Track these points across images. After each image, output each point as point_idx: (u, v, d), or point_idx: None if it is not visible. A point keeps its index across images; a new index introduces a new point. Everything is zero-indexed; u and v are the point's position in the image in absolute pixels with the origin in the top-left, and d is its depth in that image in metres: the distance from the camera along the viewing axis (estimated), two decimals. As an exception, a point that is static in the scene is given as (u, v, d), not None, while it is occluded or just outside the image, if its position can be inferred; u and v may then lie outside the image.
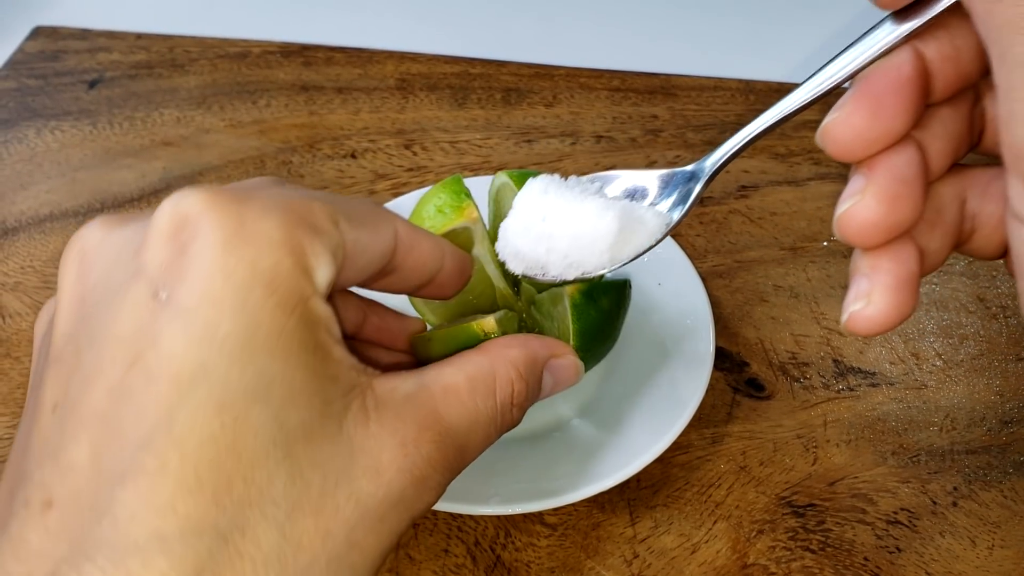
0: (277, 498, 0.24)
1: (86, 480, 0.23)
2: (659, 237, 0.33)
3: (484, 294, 0.44)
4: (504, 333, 0.38)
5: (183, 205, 0.25)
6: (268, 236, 0.25)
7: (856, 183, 0.27)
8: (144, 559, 0.22)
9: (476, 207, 0.42)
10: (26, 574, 0.22)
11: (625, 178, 0.35)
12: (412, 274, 0.32)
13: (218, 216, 0.25)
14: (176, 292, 0.24)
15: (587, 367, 0.42)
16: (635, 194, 0.35)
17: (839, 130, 0.26)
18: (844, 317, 0.28)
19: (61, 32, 0.78)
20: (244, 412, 0.23)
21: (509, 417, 0.31)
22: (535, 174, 0.42)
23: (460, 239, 0.42)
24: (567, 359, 0.34)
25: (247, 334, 0.24)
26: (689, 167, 0.34)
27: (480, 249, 0.43)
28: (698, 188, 0.33)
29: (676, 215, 0.33)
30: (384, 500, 0.26)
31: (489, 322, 0.36)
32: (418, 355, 0.37)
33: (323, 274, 0.26)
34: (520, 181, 0.42)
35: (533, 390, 0.33)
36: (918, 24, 0.26)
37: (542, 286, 0.42)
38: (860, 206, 0.26)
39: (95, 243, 0.27)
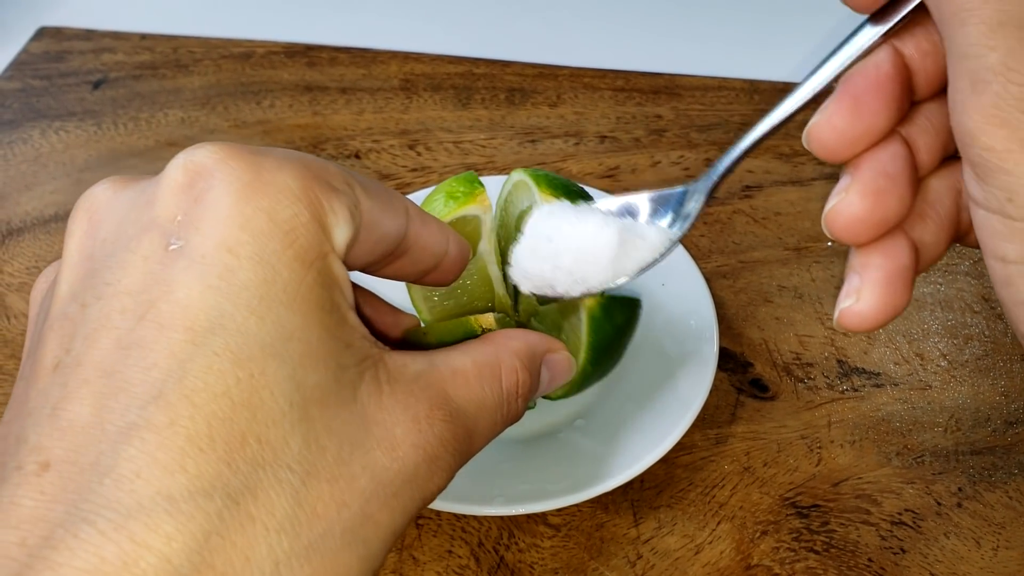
0: (292, 462, 0.23)
1: (87, 438, 0.22)
2: (662, 251, 0.34)
3: (483, 296, 0.44)
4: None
5: (197, 156, 0.25)
6: (286, 187, 0.24)
7: (843, 181, 0.27)
8: (148, 521, 0.20)
9: (489, 200, 0.42)
10: (18, 541, 0.20)
11: (623, 201, 0.36)
12: (420, 258, 0.31)
13: (234, 165, 0.24)
14: (191, 240, 0.23)
15: (592, 381, 0.42)
16: (634, 214, 0.35)
17: (822, 131, 0.27)
18: (836, 314, 0.28)
19: (65, 33, 0.78)
20: (261, 367, 0.23)
21: (514, 408, 0.31)
22: (548, 175, 0.42)
23: (467, 229, 0.42)
24: (562, 354, 0.35)
25: (265, 284, 0.23)
26: (679, 188, 0.35)
27: (485, 245, 0.43)
28: (698, 206, 0.33)
29: (677, 230, 0.34)
30: (398, 475, 0.25)
31: (487, 318, 0.36)
32: (414, 347, 0.37)
33: (341, 233, 0.26)
34: (535, 178, 0.41)
35: (534, 382, 0.33)
36: (894, 23, 0.26)
37: (550, 302, 0.42)
38: (845, 202, 0.26)
39: (105, 200, 0.26)
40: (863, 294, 0.27)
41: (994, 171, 0.23)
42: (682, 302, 0.49)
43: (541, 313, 0.42)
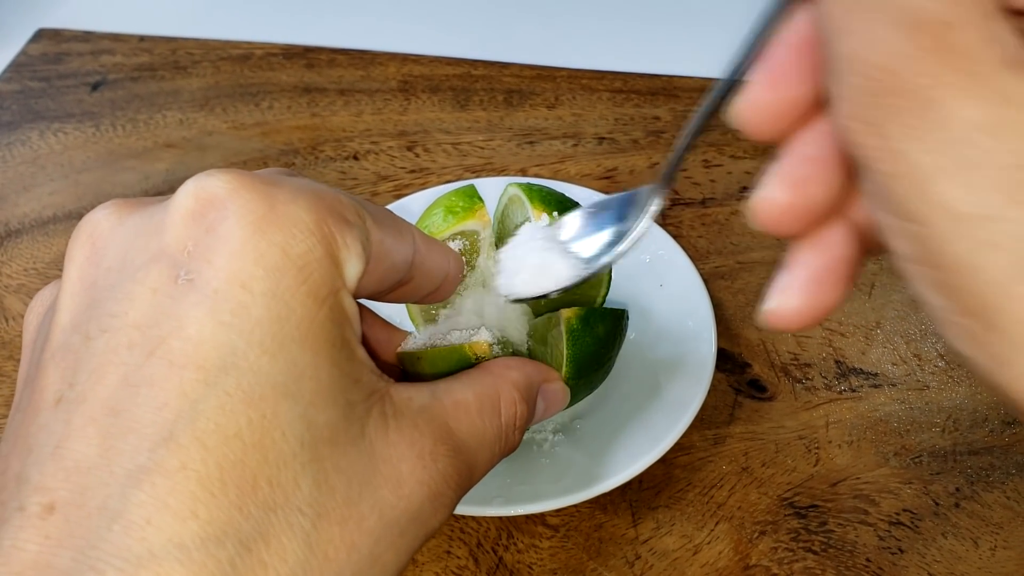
0: (303, 504, 0.22)
1: (94, 481, 0.21)
2: (568, 283, 0.34)
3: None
4: (495, 356, 0.38)
5: (209, 185, 0.24)
6: (300, 221, 0.23)
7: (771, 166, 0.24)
8: (160, 570, 0.20)
9: (489, 215, 0.42)
10: None
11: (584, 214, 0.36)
12: (424, 283, 0.31)
13: (247, 198, 0.23)
14: (203, 273, 0.22)
15: (580, 395, 0.42)
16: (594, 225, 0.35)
17: (746, 109, 0.24)
18: (762, 310, 0.26)
19: (64, 34, 0.78)
20: (273, 407, 0.22)
21: (512, 439, 0.31)
22: (541, 189, 0.42)
23: (466, 243, 0.42)
24: (557, 384, 0.35)
25: (279, 321, 0.23)
26: (626, 193, 0.33)
27: (484, 259, 0.43)
28: (640, 224, 0.32)
29: (593, 265, 0.34)
30: (404, 513, 0.25)
31: (481, 345, 0.36)
32: (406, 370, 0.37)
33: (353, 268, 0.25)
34: (528, 193, 0.41)
35: (531, 413, 0.32)
36: None
37: (533, 305, 0.42)
38: (766, 191, 0.23)
39: (109, 226, 0.25)
40: (787, 294, 0.24)
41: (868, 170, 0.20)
42: (680, 303, 0.50)
43: (532, 327, 0.41)
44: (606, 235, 0.33)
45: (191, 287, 0.22)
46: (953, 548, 0.44)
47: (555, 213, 0.41)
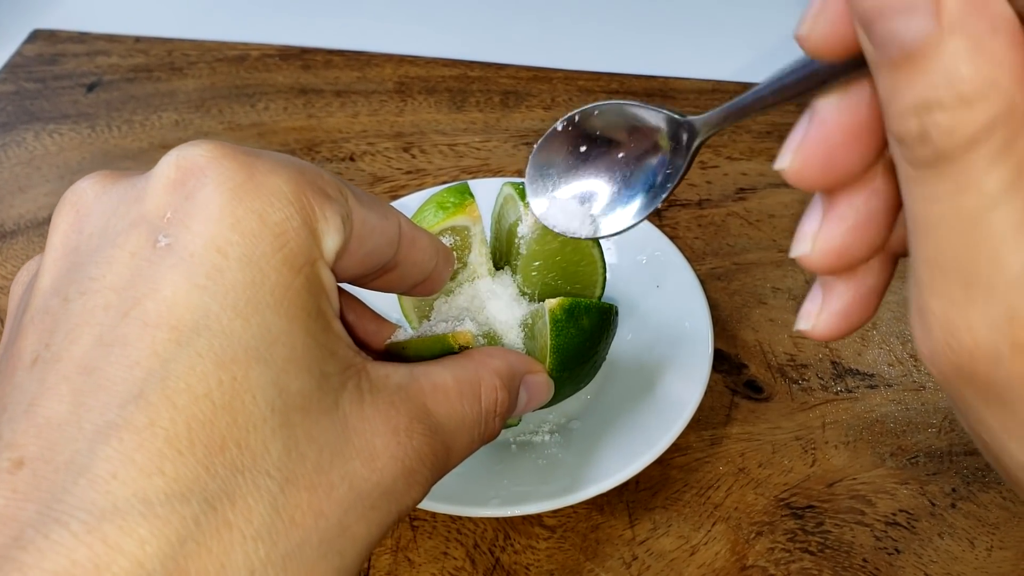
0: (271, 468, 0.22)
1: (64, 436, 0.21)
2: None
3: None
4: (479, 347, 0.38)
5: (190, 154, 0.24)
6: (279, 190, 0.24)
7: (815, 209, 0.25)
8: (123, 524, 0.20)
9: (479, 211, 0.42)
10: None
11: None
12: (411, 271, 0.31)
13: (227, 166, 0.24)
14: (180, 238, 0.23)
15: (566, 390, 0.42)
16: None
17: (796, 162, 0.24)
18: (796, 326, 0.26)
19: (59, 35, 0.78)
20: (244, 370, 0.22)
21: (491, 426, 0.31)
22: None
23: (457, 239, 0.42)
24: (541, 376, 0.35)
25: (253, 286, 0.23)
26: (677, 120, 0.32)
27: (476, 256, 0.43)
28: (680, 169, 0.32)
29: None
30: (377, 486, 0.25)
31: (465, 335, 0.36)
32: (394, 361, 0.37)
33: (331, 241, 0.25)
34: (520, 192, 0.42)
35: (512, 402, 0.32)
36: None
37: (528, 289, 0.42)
38: (821, 235, 0.24)
39: (92, 196, 0.26)
40: (821, 318, 0.25)
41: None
42: (677, 304, 0.50)
43: (525, 323, 0.42)
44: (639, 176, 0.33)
45: (169, 251, 0.23)
46: (949, 548, 0.44)
47: None
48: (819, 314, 0.25)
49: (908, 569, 0.43)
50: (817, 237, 0.24)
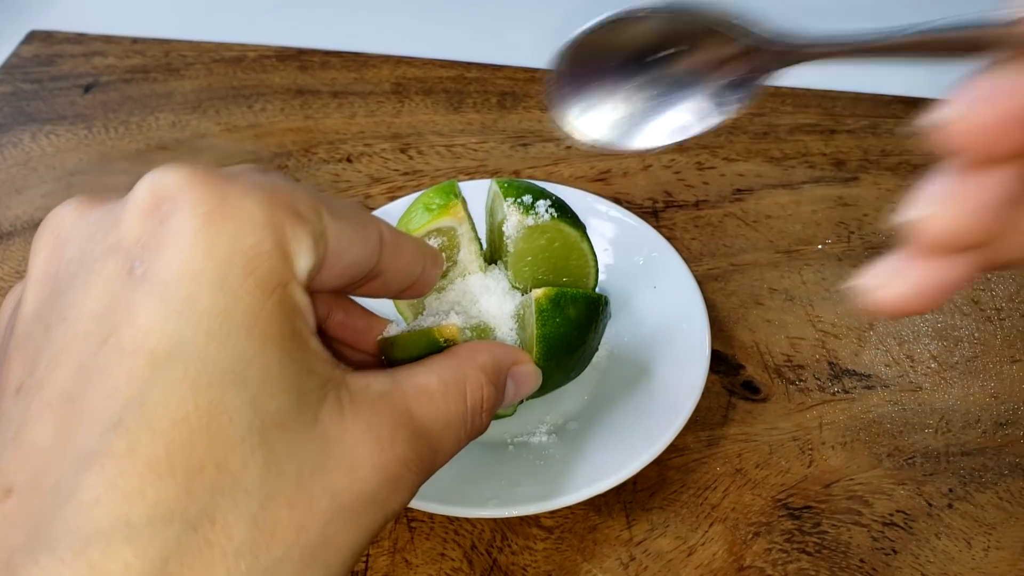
0: (250, 487, 0.23)
1: (49, 464, 0.22)
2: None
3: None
4: (467, 340, 0.38)
5: (163, 180, 0.24)
6: (250, 215, 0.24)
7: (949, 179, 0.22)
8: (107, 547, 0.20)
9: (466, 211, 0.42)
10: None
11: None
12: (396, 279, 0.31)
13: (199, 191, 0.24)
14: (153, 265, 0.23)
15: (555, 379, 0.42)
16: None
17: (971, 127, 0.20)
18: (857, 285, 0.24)
19: (56, 36, 0.78)
20: (220, 393, 0.23)
21: (479, 422, 0.31)
22: (514, 183, 0.43)
23: (445, 239, 0.43)
24: (528, 366, 0.35)
25: (226, 311, 0.23)
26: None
27: (465, 254, 0.43)
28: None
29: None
30: (359, 497, 0.25)
31: (450, 328, 0.36)
32: (384, 357, 0.38)
33: (304, 261, 0.25)
34: (503, 189, 0.42)
35: (499, 395, 0.33)
36: None
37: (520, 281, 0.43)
38: (945, 211, 0.22)
39: (71, 222, 0.26)
40: (895, 286, 0.23)
41: None
42: (673, 305, 0.50)
43: (517, 314, 0.42)
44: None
45: (143, 279, 0.23)
46: (946, 549, 0.44)
47: (526, 198, 0.42)
48: (896, 281, 0.23)
49: (905, 570, 0.43)
50: (953, 199, 0.22)
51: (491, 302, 0.42)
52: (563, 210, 0.43)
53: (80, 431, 0.22)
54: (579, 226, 0.43)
